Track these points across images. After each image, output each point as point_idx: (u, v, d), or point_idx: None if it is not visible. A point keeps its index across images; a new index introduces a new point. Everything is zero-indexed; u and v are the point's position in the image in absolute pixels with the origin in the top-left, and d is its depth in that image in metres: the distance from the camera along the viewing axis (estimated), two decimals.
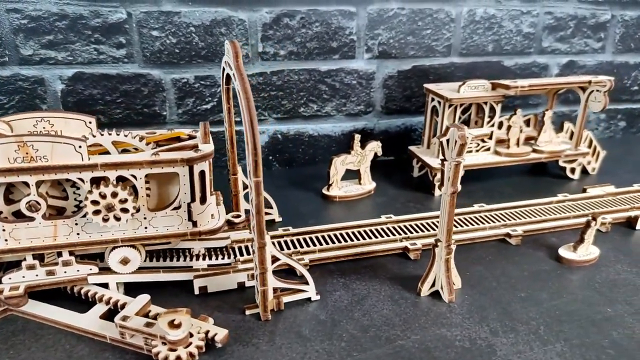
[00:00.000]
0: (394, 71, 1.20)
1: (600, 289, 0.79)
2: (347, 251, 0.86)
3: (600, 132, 1.48)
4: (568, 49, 1.32)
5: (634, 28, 1.35)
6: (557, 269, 0.85)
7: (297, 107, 1.18)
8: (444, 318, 0.73)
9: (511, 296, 0.77)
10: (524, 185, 1.17)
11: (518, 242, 0.92)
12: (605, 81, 1.07)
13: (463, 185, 1.16)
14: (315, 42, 1.12)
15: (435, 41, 1.20)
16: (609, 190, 1.08)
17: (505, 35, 1.25)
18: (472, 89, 1.07)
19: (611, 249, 0.91)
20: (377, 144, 1.10)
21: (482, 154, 1.13)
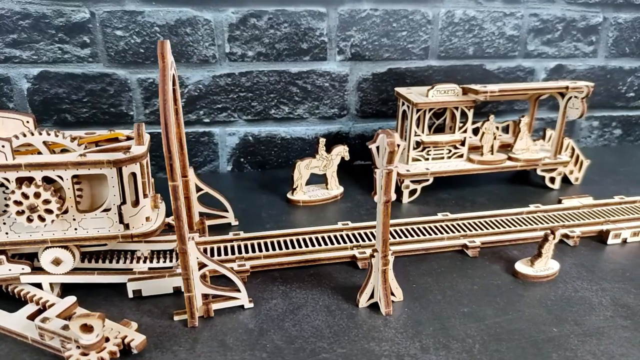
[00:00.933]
0: (369, 74, 1.18)
1: (551, 307, 0.75)
2: (292, 258, 0.83)
3: (593, 140, 1.41)
4: (556, 52, 1.26)
5: (628, 31, 1.29)
6: (510, 284, 0.81)
7: (267, 109, 1.16)
8: (377, 332, 0.70)
9: (453, 311, 0.74)
10: (500, 194, 1.12)
11: (475, 254, 0.88)
12: (583, 87, 1.02)
13: (435, 193, 1.13)
14: (284, 43, 1.10)
15: (412, 43, 1.17)
16: (586, 202, 1.03)
17: (487, 38, 1.21)
18: (441, 93, 1.03)
19: (575, 264, 0.86)
20: (343, 148, 1.08)
21: (454, 161, 1.10)
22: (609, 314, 0.74)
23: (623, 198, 1.06)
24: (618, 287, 0.80)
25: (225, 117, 1.15)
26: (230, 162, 1.20)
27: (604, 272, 0.84)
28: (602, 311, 0.74)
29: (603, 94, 1.35)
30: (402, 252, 0.87)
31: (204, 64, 1.08)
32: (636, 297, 0.77)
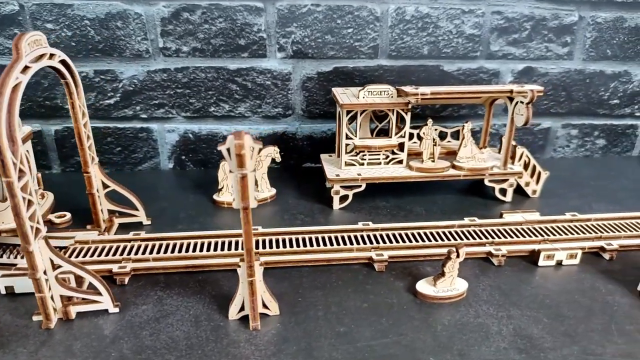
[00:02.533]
0: (313, 72, 1.12)
1: (440, 333, 0.68)
2: (179, 262, 0.80)
3: (572, 150, 1.29)
4: (524, 54, 1.16)
5: (609, 32, 1.17)
6: (405, 304, 0.73)
7: (207, 107, 1.13)
8: (235, 347, 0.65)
9: (329, 330, 0.68)
10: (443, 205, 1.04)
11: (381, 269, 0.81)
12: (527, 91, 0.92)
13: (373, 200, 1.06)
14: (220, 39, 1.06)
15: (359, 41, 1.10)
16: (530, 218, 0.93)
17: (443, 37, 1.12)
18: (373, 94, 0.96)
19: (491, 286, 0.78)
20: (273, 149, 1.03)
21: (392, 167, 1.02)
22: (503, 345, 0.66)
23: (575, 215, 0.95)
24: (528, 316, 0.71)
25: (163, 113, 1.12)
26: (172, 159, 1.17)
27: (520, 297, 0.76)
28: (496, 342, 0.66)
29: (582, 100, 1.23)
30: (303, 262, 0.82)
31: (137, 58, 1.06)
32: (544, 328, 0.69)
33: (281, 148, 1.19)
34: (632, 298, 0.76)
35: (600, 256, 0.87)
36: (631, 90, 1.23)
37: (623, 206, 1.04)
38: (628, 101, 1.24)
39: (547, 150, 1.28)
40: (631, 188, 1.13)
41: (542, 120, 1.24)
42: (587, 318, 0.71)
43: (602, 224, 0.93)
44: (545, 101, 1.22)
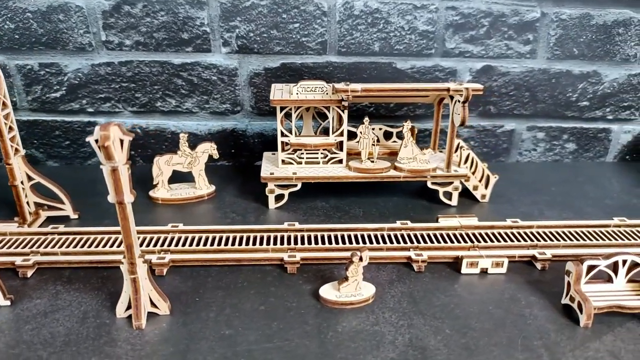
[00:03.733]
0: (260, 68, 1.09)
1: (329, 340, 0.64)
2: (84, 257, 0.78)
3: (540, 154, 1.23)
4: (482, 51, 1.11)
5: (575, 29, 1.10)
6: (305, 308, 0.70)
7: (153, 101, 1.11)
8: (111, 346, 0.63)
9: (214, 332, 0.65)
10: (384, 207, 1.00)
11: (293, 271, 0.78)
12: (462, 90, 0.87)
13: (312, 200, 1.03)
14: (163, 33, 1.05)
15: (306, 37, 1.07)
16: (467, 223, 0.89)
17: (395, 33, 1.08)
18: (306, 90, 0.93)
19: (403, 293, 0.74)
20: (210, 146, 1.01)
21: (331, 167, 0.99)
22: (391, 355, 0.62)
23: (516, 222, 0.90)
24: (431, 325, 0.67)
25: (109, 107, 1.12)
26: None
27: (430, 305, 0.71)
28: (386, 351, 0.62)
29: (548, 101, 1.16)
30: (213, 261, 0.79)
31: (81, 51, 1.06)
32: (443, 340, 0.65)
33: (231, 146, 1.18)
34: (551, 311, 0.70)
35: (534, 265, 0.81)
36: (602, 91, 1.16)
37: (577, 214, 0.97)
38: (599, 103, 1.17)
39: (513, 153, 1.22)
40: (592, 196, 1.06)
41: (506, 122, 1.18)
42: (493, 331, 0.67)
43: (543, 232, 0.87)
44: (507, 102, 1.16)
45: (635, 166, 1.22)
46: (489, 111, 1.17)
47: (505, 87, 1.14)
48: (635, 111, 1.19)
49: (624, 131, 1.21)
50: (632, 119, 1.20)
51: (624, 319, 0.69)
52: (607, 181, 1.13)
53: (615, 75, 1.15)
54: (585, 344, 0.64)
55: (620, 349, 0.64)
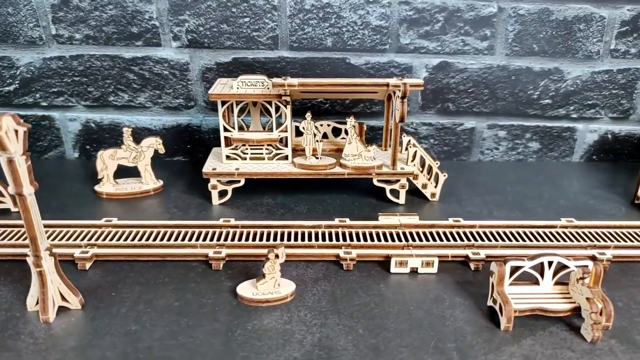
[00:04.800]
0: (212, 63, 1.08)
1: (235, 338, 0.63)
2: (8, 250, 0.77)
3: (502, 153, 1.20)
4: (438, 47, 1.09)
5: (535, 25, 1.08)
6: (220, 305, 0.69)
7: (106, 96, 1.11)
8: (14, 339, 0.62)
9: (120, 327, 0.64)
10: (331, 204, 0.98)
11: (218, 267, 0.77)
12: (400, 84, 0.85)
13: (259, 197, 1.01)
14: (112, 27, 1.04)
15: (257, 31, 1.06)
16: (407, 221, 0.86)
17: (347, 28, 1.06)
18: (247, 85, 0.92)
19: (325, 291, 0.72)
20: (155, 140, 1.00)
21: (276, 163, 0.97)
22: (295, 355, 0.60)
23: (458, 221, 0.88)
24: (345, 325, 0.65)
25: (63, 101, 1.11)
26: (76, 148, 1.16)
27: (349, 304, 0.69)
28: (290, 351, 0.61)
29: (508, 99, 1.14)
30: (138, 256, 0.78)
31: (32, 45, 1.05)
32: (353, 340, 0.63)
33: (186, 141, 1.17)
34: (474, 313, 0.68)
35: (468, 266, 0.79)
36: (564, 89, 1.13)
37: (525, 214, 0.95)
38: (562, 101, 1.14)
39: (474, 152, 1.20)
40: (547, 196, 1.03)
41: (465, 120, 1.16)
42: (408, 332, 0.64)
43: (484, 232, 0.85)
44: (466, 99, 1.13)
45: (601, 166, 1.19)
46: (448, 109, 1.14)
47: (463, 84, 1.12)
48: (600, 110, 1.16)
49: (589, 130, 1.18)
50: (597, 118, 1.17)
51: (548, 323, 0.66)
52: (567, 181, 1.10)
53: (578, 73, 1.12)
54: (501, 348, 0.62)
55: (537, 354, 0.61)
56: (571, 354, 0.61)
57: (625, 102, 1.15)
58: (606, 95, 1.14)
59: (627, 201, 1.01)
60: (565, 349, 0.62)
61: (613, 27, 1.08)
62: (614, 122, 1.17)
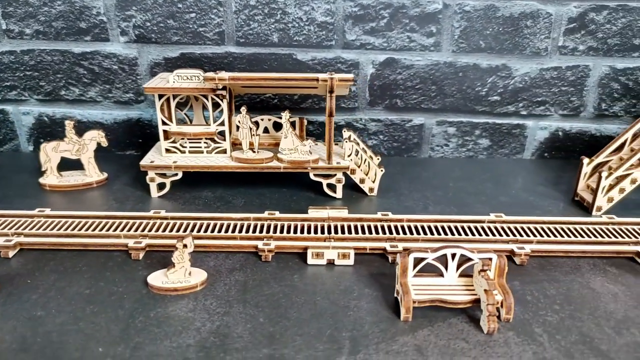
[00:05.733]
0: (160, 58, 1.10)
1: (135, 325, 0.64)
2: None
3: (453, 149, 1.20)
4: (385, 44, 1.09)
5: (481, 22, 1.08)
6: (130, 293, 0.70)
7: (57, 90, 1.13)
8: None
9: (25, 313, 0.66)
10: (271, 198, 0.99)
11: (137, 257, 0.78)
12: (327, 78, 0.86)
13: (200, 190, 1.03)
14: (61, 22, 1.06)
15: (203, 27, 1.07)
16: (335, 215, 0.87)
17: (293, 24, 1.07)
18: (183, 79, 0.93)
19: (237, 281, 0.74)
20: (97, 133, 1.01)
21: (215, 156, 0.98)
22: (188, 342, 0.61)
23: (387, 214, 0.88)
24: (247, 314, 0.66)
25: (16, 95, 1.13)
26: (31, 142, 1.19)
27: (258, 294, 0.70)
28: (185, 338, 0.62)
29: (456, 95, 1.14)
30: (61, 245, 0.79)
31: None
32: (251, 328, 0.64)
33: (138, 135, 1.19)
34: (379, 304, 0.69)
35: (387, 258, 0.80)
36: (513, 86, 1.13)
37: (461, 209, 0.95)
38: (510, 98, 1.14)
39: (424, 149, 1.20)
40: (489, 193, 1.03)
41: (414, 116, 1.16)
42: (308, 321, 0.65)
43: (411, 226, 0.85)
44: (414, 96, 1.14)
45: (552, 164, 1.18)
46: (396, 105, 1.15)
47: (410, 81, 1.12)
48: (550, 107, 1.15)
49: (539, 127, 1.18)
50: (547, 115, 1.16)
51: (450, 314, 0.67)
52: (512, 178, 1.10)
53: (526, 70, 1.12)
54: (395, 338, 0.63)
55: (429, 344, 0.62)
56: (464, 345, 0.62)
57: (576, 100, 1.15)
58: (555, 92, 1.14)
59: (567, 198, 1.01)
60: (460, 340, 0.63)
61: (560, 23, 1.08)
62: (565, 120, 1.17)
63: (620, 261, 0.80)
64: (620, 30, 1.08)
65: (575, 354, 0.61)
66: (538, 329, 0.65)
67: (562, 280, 0.75)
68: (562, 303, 0.70)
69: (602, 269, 0.78)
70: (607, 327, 0.66)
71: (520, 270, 0.78)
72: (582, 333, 0.64)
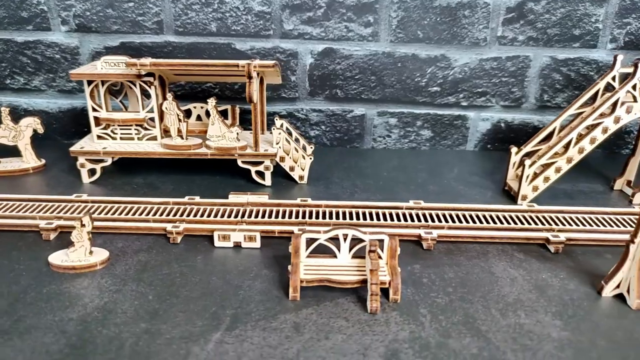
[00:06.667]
0: (101, 47, 1.11)
1: (24, 299, 0.65)
2: None
3: (395, 140, 1.20)
4: (322, 33, 1.10)
5: (418, 12, 1.08)
6: (30, 271, 0.71)
7: (2, 79, 1.15)
8: None
9: None
10: (201, 184, 1.00)
11: (48, 237, 0.79)
12: (245, 65, 0.87)
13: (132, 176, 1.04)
14: (3, 11, 1.08)
15: (142, 16, 1.08)
16: (254, 200, 0.88)
17: (230, 14, 1.08)
18: (110, 65, 0.94)
19: (139, 261, 0.75)
20: (33, 120, 1.03)
21: (145, 143, 1.00)
22: (72, 316, 0.62)
23: (306, 200, 0.89)
24: (139, 292, 0.68)
25: None
26: None
27: (155, 274, 0.72)
28: (69, 312, 0.63)
29: (396, 86, 1.14)
30: None
31: None
32: (138, 304, 0.65)
33: (83, 124, 1.20)
34: (272, 285, 0.69)
35: None
36: (452, 76, 1.13)
37: (387, 197, 0.95)
38: (451, 89, 1.14)
39: (367, 140, 1.20)
40: (420, 182, 1.03)
41: (355, 107, 1.17)
42: (196, 299, 0.66)
43: (324, 211, 0.86)
44: (354, 86, 1.14)
45: (494, 155, 1.18)
46: (337, 95, 1.15)
47: (349, 71, 1.13)
48: (491, 97, 1.15)
49: (481, 119, 1.18)
50: (488, 106, 1.16)
51: (340, 294, 0.67)
52: (448, 169, 1.10)
53: (465, 60, 1.12)
54: (277, 315, 0.63)
55: (309, 322, 0.62)
56: (344, 323, 0.62)
57: (517, 90, 1.14)
58: (496, 83, 1.14)
59: (498, 188, 1.01)
60: (341, 319, 0.63)
61: (499, 13, 1.08)
62: (507, 111, 1.17)
63: (530, 247, 0.80)
64: (559, 20, 1.08)
65: (453, 334, 0.61)
66: (424, 309, 0.65)
67: (465, 265, 0.75)
68: (457, 286, 0.70)
69: (510, 255, 0.78)
70: (495, 309, 0.66)
71: (426, 255, 0.78)
72: (467, 314, 0.65)
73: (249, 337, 0.60)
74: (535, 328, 0.62)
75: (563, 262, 0.77)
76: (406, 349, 0.58)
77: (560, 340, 0.60)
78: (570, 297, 0.68)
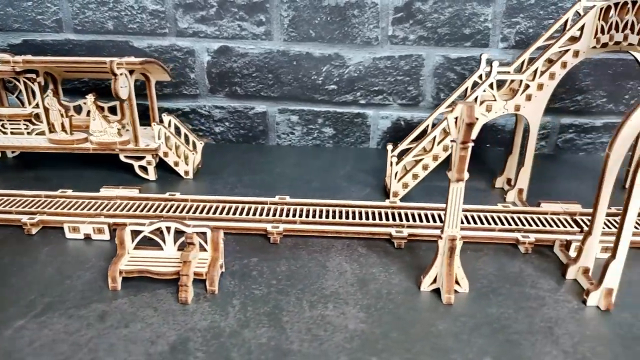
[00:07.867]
0: (5, 44, 1.14)
1: None
2: None
3: (299, 138, 1.22)
4: (217, 32, 1.12)
5: (308, 11, 1.09)
6: None
7: None
8: None
9: None
10: (87, 178, 1.03)
11: None
12: (106, 61, 0.89)
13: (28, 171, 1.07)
14: None
15: (41, 15, 1.11)
16: (124, 194, 0.90)
17: (126, 12, 1.10)
18: None
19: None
20: None
21: (34, 137, 1.03)
22: None
23: (174, 195, 0.91)
24: None
25: None
26: None
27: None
28: None
29: (293, 84, 1.16)
30: None
31: None
32: None
33: None
34: (100, 275, 0.72)
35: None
36: (348, 75, 1.15)
37: (265, 192, 0.96)
38: (347, 87, 1.16)
39: (271, 136, 1.22)
40: (305, 178, 1.05)
41: (256, 104, 1.19)
42: (20, 288, 0.69)
43: (191, 205, 0.88)
44: (252, 83, 1.16)
45: None
46: (236, 92, 1.17)
47: (246, 69, 1.15)
48: (388, 96, 1.17)
49: (381, 117, 1.19)
50: (387, 104, 1.18)
51: (163, 286, 0.69)
52: (342, 166, 1.12)
53: (359, 59, 1.13)
54: (90, 304, 0.65)
55: (116, 311, 0.64)
56: (150, 312, 0.64)
57: (413, 89, 1.16)
58: (392, 82, 1.15)
59: (380, 185, 1.02)
60: (150, 308, 0.65)
61: (387, 13, 1.09)
62: (404, 109, 1.18)
63: (376, 243, 0.82)
64: (448, 20, 1.09)
65: (251, 324, 0.63)
66: (237, 301, 0.67)
67: (303, 258, 0.77)
68: (282, 279, 0.72)
69: (353, 250, 0.80)
70: (307, 301, 0.67)
71: (271, 249, 0.80)
72: (277, 306, 0.66)
73: (51, 324, 0.62)
74: (336, 320, 0.64)
75: (402, 257, 0.78)
76: (197, 338, 0.61)
77: (353, 332, 0.62)
78: (388, 291, 0.70)
